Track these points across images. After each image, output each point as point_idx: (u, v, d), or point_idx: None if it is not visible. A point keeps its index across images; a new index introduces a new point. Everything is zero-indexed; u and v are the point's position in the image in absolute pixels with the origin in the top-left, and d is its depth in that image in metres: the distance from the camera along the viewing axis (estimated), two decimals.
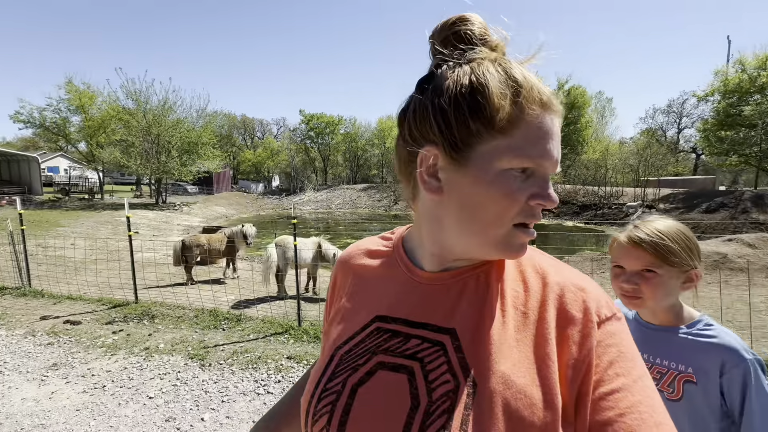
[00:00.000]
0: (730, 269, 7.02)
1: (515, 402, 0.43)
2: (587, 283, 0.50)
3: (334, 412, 0.49)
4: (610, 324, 0.47)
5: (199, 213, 25.39)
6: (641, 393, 0.43)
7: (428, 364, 0.49)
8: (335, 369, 0.54)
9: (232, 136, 56.73)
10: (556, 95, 0.48)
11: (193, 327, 4.63)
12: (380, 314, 0.56)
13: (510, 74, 0.46)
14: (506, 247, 0.48)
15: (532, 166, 0.46)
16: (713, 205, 18.42)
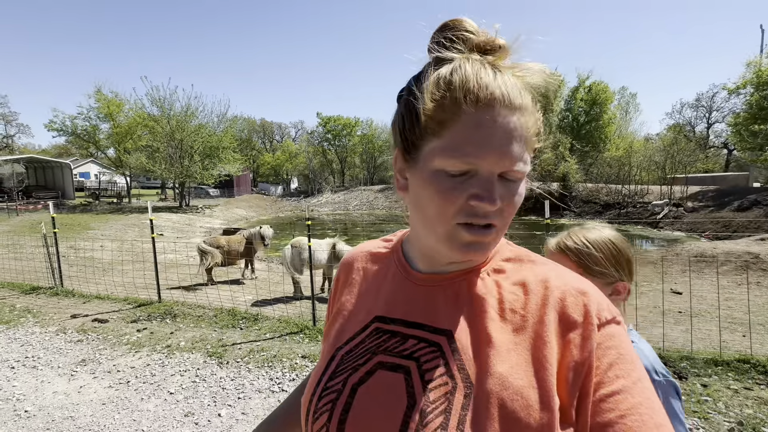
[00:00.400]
0: (763, 270, 6.68)
1: (512, 403, 0.43)
2: (588, 287, 0.50)
3: (334, 410, 0.50)
4: (610, 327, 0.47)
5: (221, 215, 26.06)
6: (641, 395, 0.44)
7: (424, 364, 0.49)
8: (336, 368, 0.55)
9: (251, 140, 57.94)
10: (516, 89, 0.46)
11: (213, 326, 4.77)
12: (379, 315, 0.57)
13: (445, 76, 0.46)
14: (452, 244, 0.48)
15: (468, 167, 0.46)
16: (746, 203, 17.53)
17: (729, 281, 6.53)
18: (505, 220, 0.49)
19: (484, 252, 0.49)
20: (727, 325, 4.53)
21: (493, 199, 0.45)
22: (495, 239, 0.49)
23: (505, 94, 0.45)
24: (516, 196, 0.48)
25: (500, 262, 0.55)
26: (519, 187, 0.48)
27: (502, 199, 0.47)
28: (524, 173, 0.48)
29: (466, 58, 0.47)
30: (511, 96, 0.45)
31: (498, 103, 0.45)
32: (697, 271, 7.15)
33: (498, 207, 0.46)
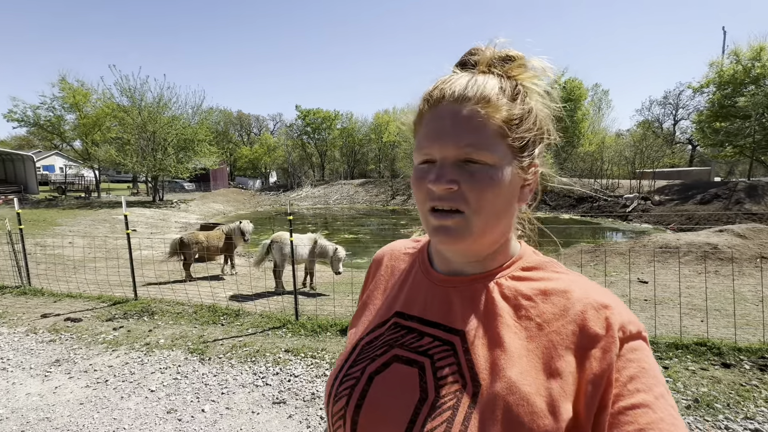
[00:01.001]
0: (720, 259, 7.14)
1: (516, 408, 0.45)
2: (612, 300, 0.50)
3: (352, 396, 0.54)
4: (634, 341, 0.47)
5: (197, 210, 25.39)
6: (663, 411, 0.43)
7: (438, 362, 0.52)
8: (357, 357, 0.59)
9: (228, 133, 56.39)
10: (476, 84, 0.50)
11: (193, 323, 4.71)
12: (399, 311, 0.61)
13: (432, 87, 0.54)
14: (428, 229, 0.54)
15: (425, 157, 0.52)
16: (707, 197, 18.57)
17: (690, 270, 6.95)
18: (473, 206, 0.49)
19: (452, 237, 0.51)
20: (688, 311, 4.84)
21: (438, 181, 0.49)
22: (466, 225, 0.50)
23: (456, 90, 0.50)
24: (481, 182, 0.49)
25: (521, 270, 0.56)
26: (486, 174, 0.49)
27: (461, 183, 0.49)
28: (488, 159, 0.49)
29: (446, 74, 0.55)
30: (462, 90, 0.50)
31: (446, 99, 0.50)
32: (662, 261, 7.56)
33: (448, 188, 0.49)
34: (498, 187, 0.49)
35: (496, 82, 0.51)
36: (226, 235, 7.60)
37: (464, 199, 0.49)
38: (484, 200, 0.49)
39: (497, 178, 0.49)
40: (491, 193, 0.49)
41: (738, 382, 3.04)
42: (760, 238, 7.85)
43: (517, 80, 0.52)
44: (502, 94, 0.50)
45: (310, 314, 4.90)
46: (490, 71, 0.52)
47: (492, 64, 0.52)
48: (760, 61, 21.10)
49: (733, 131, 21.99)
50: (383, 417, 0.50)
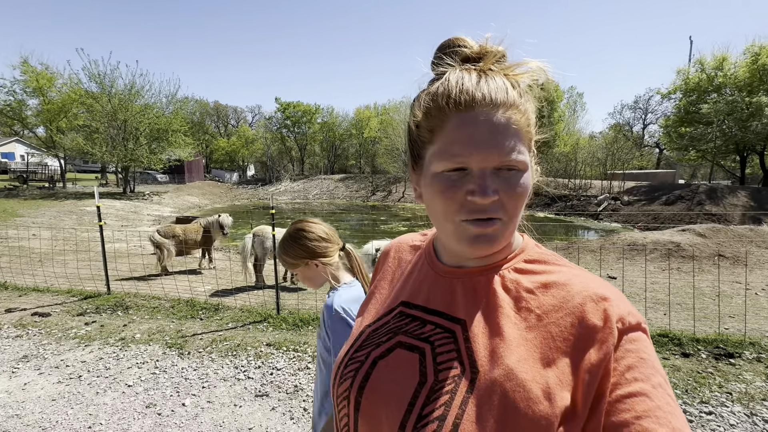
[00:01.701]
0: (682, 257, 7.58)
1: (513, 394, 0.46)
2: (611, 292, 0.51)
3: (356, 378, 0.56)
4: (633, 332, 0.48)
5: (170, 203, 24.59)
6: (661, 399, 0.43)
7: (438, 348, 0.53)
8: (362, 343, 0.61)
9: (204, 124, 54.75)
10: (500, 87, 0.49)
11: (170, 317, 4.61)
12: (404, 300, 0.63)
13: (432, 89, 0.52)
14: (460, 240, 0.51)
15: (458, 166, 0.49)
16: (672, 198, 19.56)
17: (655, 267, 7.35)
18: (510, 213, 0.50)
19: (491, 243, 0.51)
20: (652, 305, 5.14)
21: (485, 193, 0.47)
22: (502, 231, 0.50)
23: (486, 94, 0.48)
24: (516, 187, 0.49)
25: (523, 263, 0.57)
26: (519, 179, 0.50)
27: (499, 191, 0.48)
28: (521, 165, 0.49)
29: (454, 69, 0.51)
30: (493, 95, 0.48)
31: (478, 103, 0.48)
32: (630, 258, 7.96)
33: (493, 199, 0.48)
34: (527, 190, 0.51)
35: (509, 83, 0.50)
36: (204, 229, 7.43)
37: (503, 208, 0.49)
38: (519, 206, 0.51)
39: (527, 182, 0.51)
40: (524, 197, 0.51)
41: (695, 370, 3.27)
42: (719, 238, 8.37)
43: (518, 81, 0.52)
44: (520, 98, 0.50)
45: (292, 308, 4.89)
46: (492, 70, 0.51)
47: (494, 62, 0.52)
48: (723, 71, 22.31)
49: (697, 136, 23.19)
50: (384, 399, 0.52)
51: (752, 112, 20.20)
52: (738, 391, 2.97)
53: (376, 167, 43.24)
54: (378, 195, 34.38)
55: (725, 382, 3.09)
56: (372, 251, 4.84)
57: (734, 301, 5.24)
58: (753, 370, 3.26)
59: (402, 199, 32.00)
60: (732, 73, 21.82)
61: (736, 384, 3.06)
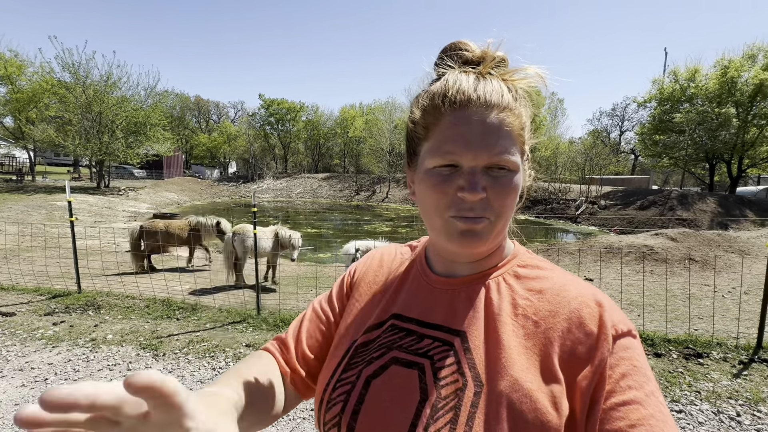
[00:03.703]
0: (655, 260, 7.85)
1: (520, 405, 0.45)
2: (604, 299, 0.51)
3: (348, 401, 0.52)
4: (625, 339, 0.48)
5: (147, 199, 23.86)
6: (654, 408, 0.44)
7: (438, 362, 0.51)
8: (350, 360, 0.56)
9: (184, 118, 53.37)
10: (496, 89, 0.50)
11: (145, 317, 4.46)
12: (396, 312, 0.59)
13: (430, 88, 0.53)
14: (449, 236, 0.52)
15: (449, 162, 0.50)
16: (646, 203, 20.28)
17: (630, 269, 7.59)
18: (498, 212, 0.50)
19: (479, 240, 0.51)
20: (627, 306, 5.30)
21: (474, 189, 0.48)
22: (489, 229, 0.51)
23: (481, 95, 0.49)
24: (505, 187, 0.50)
25: (516, 268, 0.57)
26: (509, 179, 0.50)
27: (488, 189, 0.49)
28: (511, 165, 0.50)
29: (454, 70, 0.53)
30: (488, 97, 0.49)
31: (473, 104, 0.49)
32: (606, 260, 8.19)
33: (481, 196, 0.48)
34: (516, 191, 0.52)
35: (506, 87, 0.51)
36: (192, 228, 7.22)
37: (490, 206, 0.50)
38: (506, 206, 0.51)
39: (516, 183, 0.51)
40: (512, 197, 0.51)
41: (667, 370, 3.39)
42: (689, 242, 8.72)
43: (515, 86, 0.53)
44: (515, 102, 0.51)
45: (273, 309, 4.81)
46: (490, 74, 0.52)
47: (493, 66, 0.53)
48: (695, 82, 23.26)
49: (670, 144, 24.12)
50: (383, 422, 0.49)
51: (721, 123, 21.15)
52: (706, 389, 3.09)
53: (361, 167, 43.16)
54: (362, 195, 34.31)
55: (694, 381, 3.21)
56: (352, 251, 4.81)
57: (703, 303, 5.46)
58: (720, 370, 3.40)
59: (386, 199, 32.02)
60: (703, 85, 22.77)
61: (705, 383, 3.18)
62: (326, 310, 0.68)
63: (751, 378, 3.28)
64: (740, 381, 3.22)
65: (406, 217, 22.36)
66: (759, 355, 3.65)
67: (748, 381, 3.22)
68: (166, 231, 6.98)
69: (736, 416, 2.76)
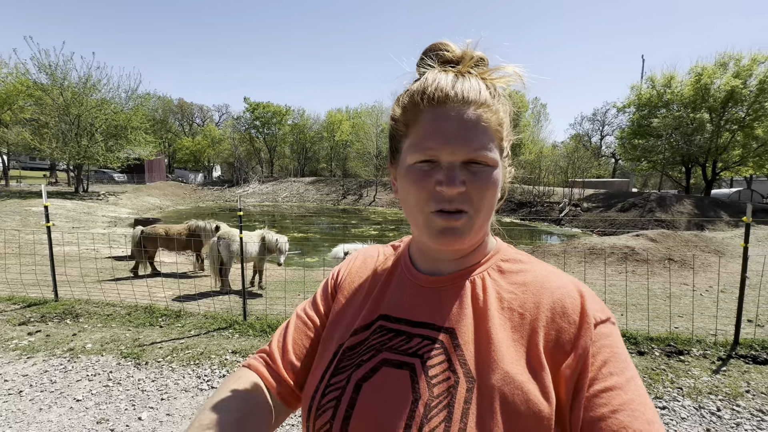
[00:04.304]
0: (636, 260, 8.05)
1: (512, 397, 0.46)
2: (585, 289, 0.53)
3: (339, 407, 0.51)
4: (605, 326, 0.49)
5: (128, 204, 23.26)
6: (634, 392, 0.45)
7: (428, 361, 0.51)
8: (338, 365, 0.55)
9: (167, 122, 52.35)
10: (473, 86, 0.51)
11: (126, 325, 4.33)
12: (383, 313, 0.59)
13: (411, 86, 0.55)
14: (429, 232, 0.52)
15: (429, 158, 0.51)
16: (626, 205, 20.83)
17: (613, 270, 7.76)
18: (476, 206, 0.51)
19: (458, 236, 0.51)
20: (610, 306, 5.40)
21: (451, 182, 0.49)
22: (468, 225, 0.51)
23: (458, 92, 0.50)
24: (484, 182, 0.50)
25: (500, 262, 0.58)
26: (487, 174, 0.51)
27: (467, 184, 0.50)
28: (489, 160, 0.51)
29: (434, 69, 0.54)
30: (465, 93, 0.50)
31: (450, 100, 0.50)
32: (590, 261, 8.36)
33: (460, 190, 0.49)
34: (495, 186, 0.52)
35: (484, 85, 0.52)
36: (191, 232, 7.04)
37: (469, 200, 0.50)
38: (485, 200, 0.51)
39: (496, 177, 0.52)
40: (491, 192, 0.52)
41: (650, 367, 3.46)
42: (668, 243, 8.98)
43: (494, 84, 0.54)
44: (493, 99, 0.52)
45: (259, 314, 4.73)
46: (470, 72, 0.53)
47: (471, 65, 0.54)
48: (671, 89, 24.10)
49: (648, 148, 24.85)
50: (376, 426, 0.48)
51: (696, 128, 21.92)
52: (688, 386, 3.17)
53: (348, 171, 43.10)
54: (349, 198, 34.22)
55: (676, 378, 3.29)
56: (341, 254, 4.78)
57: (682, 302, 5.62)
58: (700, 366, 3.50)
59: (373, 203, 32.02)
60: (679, 91, 23.60)
61: (686, 379, 3.26)
62: (311, 315, 0.66)
63: (729, 374, 3.38)
64: (719, 377, 3.31)
65: (393, 220, 22.40)
66: (736, 351, 3.77)
67: (727, 377, 3.32)
68: (166, 235, 6.84)
69: (716, 411, 2.84)
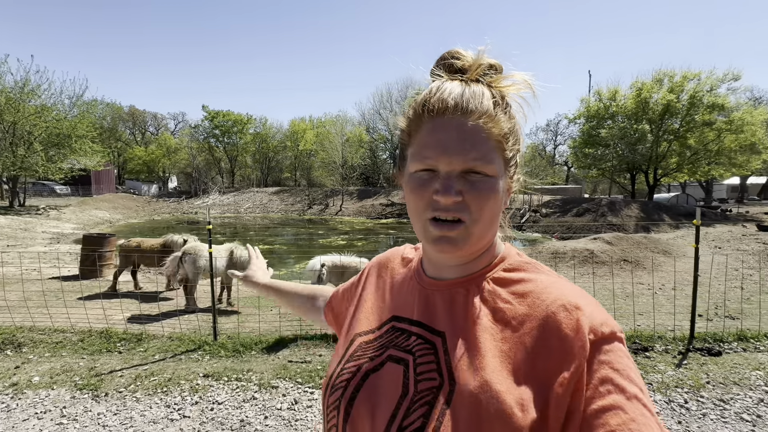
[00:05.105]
0: (596, 263, 8.53)
1: (487, 405, 0.46)
2: (584, 301, 0.50)
3: (347, 388, 0.57)
4: (605, 342, 0.47)
5: (73, 218, 21.49)
6: (635, 411, 0.42)
7: (419, 359, 0.54)
8: (353, 353, 0.61)
9: (117, 130, 49.19)
10: (476, 96, 0.51)
11: (79, 353, 3.93)
12: (395, 315, 0.63)
13: (418, 96, 0.56)
14: (426, 238, 0.54)
15: (428, 167, 0.52)
16: (581, 210, 22.12)
17: (576, 273, 8.16)
18: (474, 216, 0.51)
19: (453, 246, 0.52)
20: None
21: (447, 192, 0.50)
22: (466, 234, 0.52)
23: (459, 102, 0.50)
24: (481, 192, 0.51)
25: (501, 272, 0.57)
26: (485, 184, 0.51)
27: (464, 193, 0.50)
28: (489, 171, 0.51)
29: (441, 79, 0.54)
30: (467, 104, 0.50)
31: (450, 111, 0.51)
32: (554, 265, 8.74)
33: (456, 200, 0.50)
34: (495, 196, 0.52)
35: (490, 94, 0.53)
36: (165, 247, 6.52)
37: (467, 209, 0.51)
38: (484, 210, 0.52)
39: (495, 188, 0.52)
40: (491, 202, 0.52)
41: None
42: (622, 245, 9.60)
43: (503, 92, 0.54)
44: (498, 108, 0.52)
45: (231, 333, 4.48)
46: (478, 80, 0.54)
47: (480, 73, 0.54)
48: (615, 101, 26.11)
49: (598, 156, 26.70)
50: (371, 410, 0.53)
51: (638, 138, 23.82)
52: (656, 381, 3.35)
53: (313, 180, 42.47)
54: (315, 208, 33.70)
55: (645, 374, 3.47)
56: (318, 266, 4.66)
57: (640, 300, 5.99)
58: (664, 361, 3.72)
59: (340, 212, 31.74)
60: (622, 104, 25.59)
61: (654, 375, 3.45)
62: (350, 291, 0.80)
63: (690, 366, 3.62)
64: (682, 370, 3.54)
65: (361, 230, 22.30)
66: (693, 345, 4.06)
67: (689, 369, 3.56)
68: (140, 249, 6.42)
69: (684, 403, 3.01)
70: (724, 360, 3.75)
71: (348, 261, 4.66)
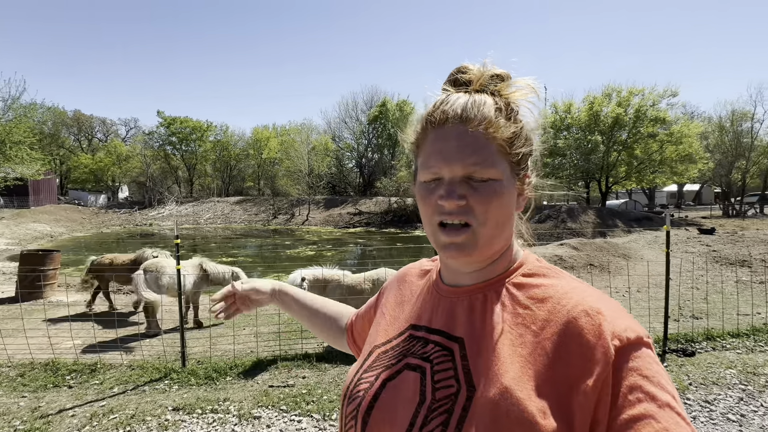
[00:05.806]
0: (565, 268, 8.82)
1: (508, 412, 0.45)
2: (607, 306, 0.49)
3: (365, 397, 0.57)
4: (632, 347, 0.45)
5: (7, 232, 19.47)
6: (668, 420, 0.41)
7: (437, 366, 0.54)
8: (372, 363, 0.62)
9: (59, 136, 45.44)
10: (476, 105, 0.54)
11: (18, 390, 3.40)
12: (413, 323, 0.64)
13: (427, 108, 0.58)
14: (436, 245, 0.56)
15: (434, 176, 0.55)
16: (543, 217, 23.15)
17: None
18: (480, 219, 0.53)
19: (461, 252, 0.54)
20: None
21: (449, 197, 0.52)
22: (473, 239, 0.53)
23: (458, 112, 0.53)
24: (485, 196, 0.52)
25: (520, 277, 0.57)
26: (491, 189, 0.53)
27: (469, 197, 0.52)
28: (492, 175, 0.53)
29: (448, 92, 0.57)
30: (467, 113, 0.53)
31: (450, 120, 0.53)
32: None
33: (459, 204, 0.52)
34: (501, 199, 0.53)
35: (492, 101, 0.54)
36: (136, 262, 5.87)
37: (472, 213, 0.52)
38: (489, 212, 0.53)
39: (501, 191, 0.53)
40: (496, 205, 0.53)
41: None
42: (587, 250, 10.03)
43: (508, 99, 0.56)
44: (500, 114, 0.54)
45: (201, 357, 4.08)
46: (482, 90, 0.56)
47: (484, 83, 0.56)
48: (570, 114, 27.81)
49: (556, 166, 28.18)
50: (389, 419, 0.53)
51: (592, 148, 25.44)
52: None
53: (277, 189, 41.35)
54: (280, 218, 32.77)
55: None
56: (298, 280, 4.39)
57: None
58: None
59: (306, 222, 31.07)
60: (577, 116, 27.30)
61: None
62: (369, 312, 0.81)
63: (670, 369, 3.72)
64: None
65: (329, 239, 21.89)
66: (668, 347, 4.21)
67: (670, 371, 3.66)
68: (112, 267, 5.92)
69: None
70: (699, 360, 3.90)
71: (330, 274, 4.42)
